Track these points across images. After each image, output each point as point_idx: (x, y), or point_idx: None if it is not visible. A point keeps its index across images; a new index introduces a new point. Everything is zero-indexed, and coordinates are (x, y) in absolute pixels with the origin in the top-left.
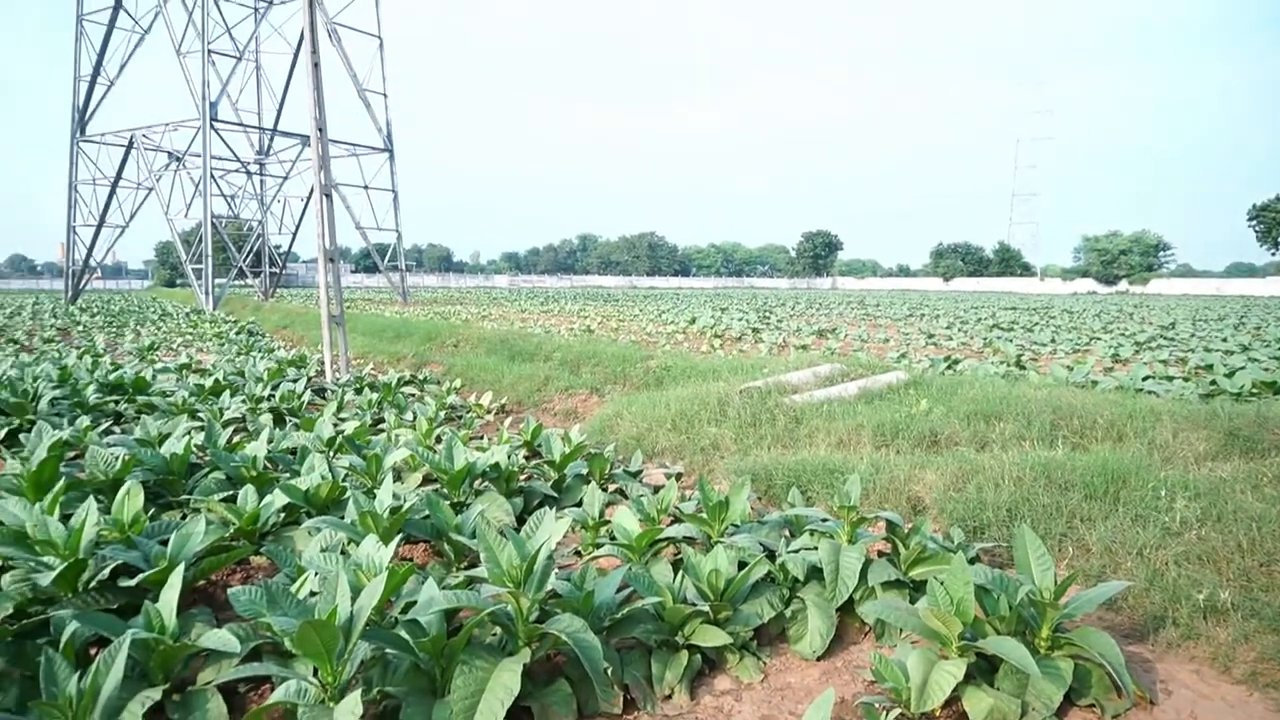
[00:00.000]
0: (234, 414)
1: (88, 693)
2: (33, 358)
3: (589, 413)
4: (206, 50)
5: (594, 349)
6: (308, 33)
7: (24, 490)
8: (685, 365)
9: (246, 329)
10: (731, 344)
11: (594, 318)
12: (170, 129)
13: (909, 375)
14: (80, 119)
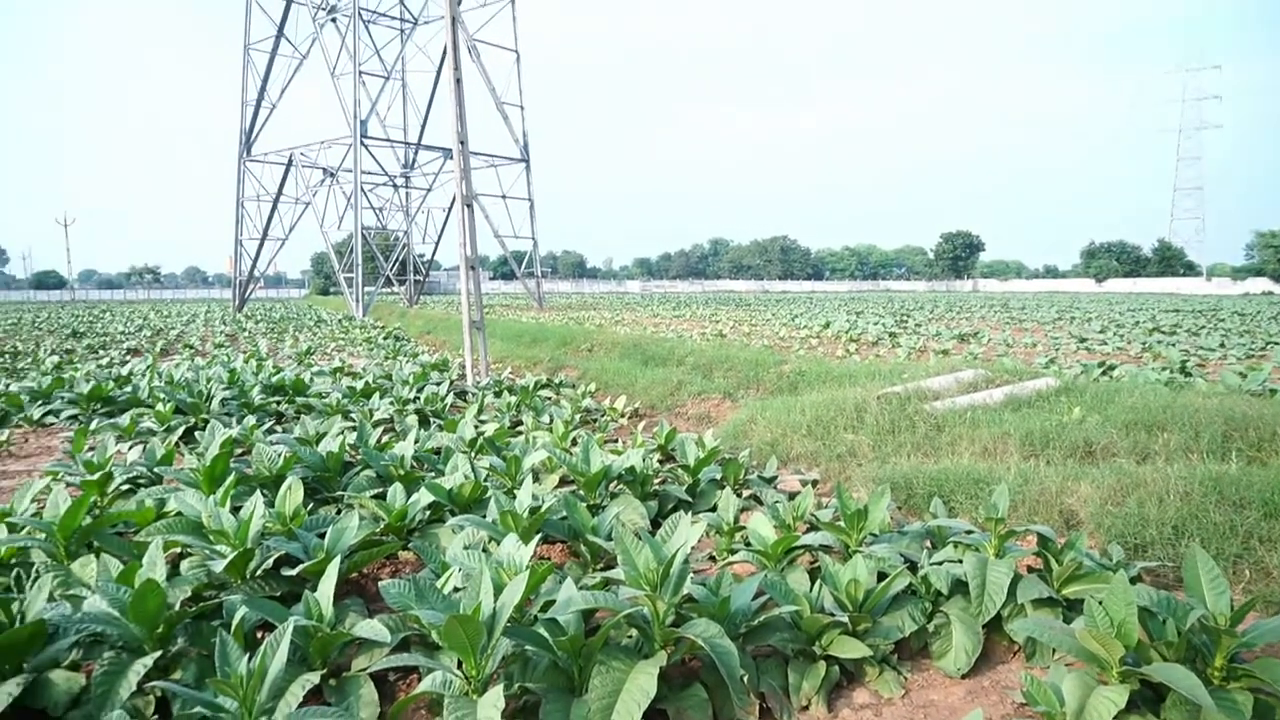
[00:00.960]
0: (383, 415)
1: (256, 673)
2: (206, 361)
3: (722, 417)
4: (357, 71)
5: (726, 353)
6: (450, 50)
7: (200, 483)
8: (820, 370)
9: (393, 334)
10: (867, 349)
11: (726, 322)
12: (325, 147)
13: (1059, 381)
14: (246, 140)
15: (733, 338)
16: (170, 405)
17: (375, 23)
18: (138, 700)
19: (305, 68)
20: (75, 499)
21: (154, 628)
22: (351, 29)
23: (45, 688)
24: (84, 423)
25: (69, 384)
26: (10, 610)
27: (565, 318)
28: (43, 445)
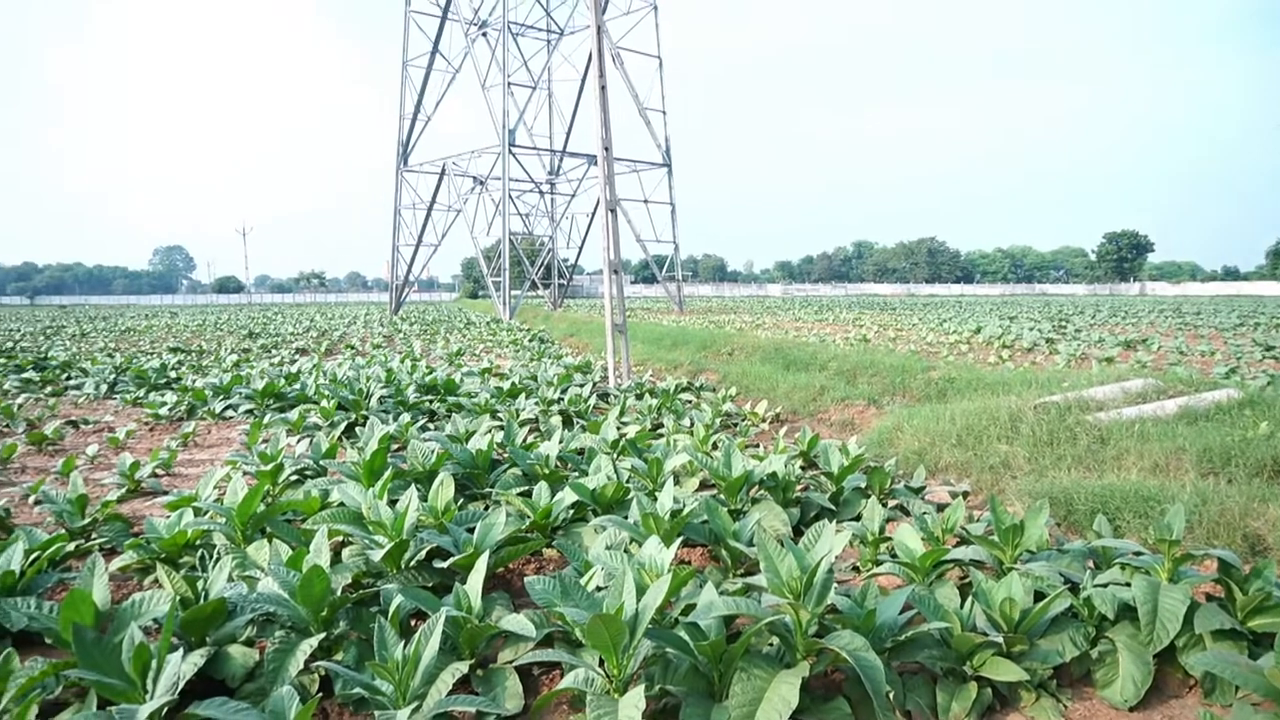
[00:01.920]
0: (528, 415)
1: (411, 660)
2: (365, 361)
3: (866, 424)
4: (506, 83)
5: (871, 359)
6: (595, 58)
7: (360, 476)
8: (971, 377)
9: (538, 337)
10: (1022, 355)
11: (870, 326)
12: (475, 156)
13: (1242, 393)
14: (403, 152)
15: (877, 342)
16: (334, 402)
17: (523, 35)
18: (304, 677)
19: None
20: (251, 487)
21: (319, 611)
22: (501, 42)
23: (224, 660)
24: (258, 417)
25: (246, 381)
26: (196, 587)
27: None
28: (223, 436)
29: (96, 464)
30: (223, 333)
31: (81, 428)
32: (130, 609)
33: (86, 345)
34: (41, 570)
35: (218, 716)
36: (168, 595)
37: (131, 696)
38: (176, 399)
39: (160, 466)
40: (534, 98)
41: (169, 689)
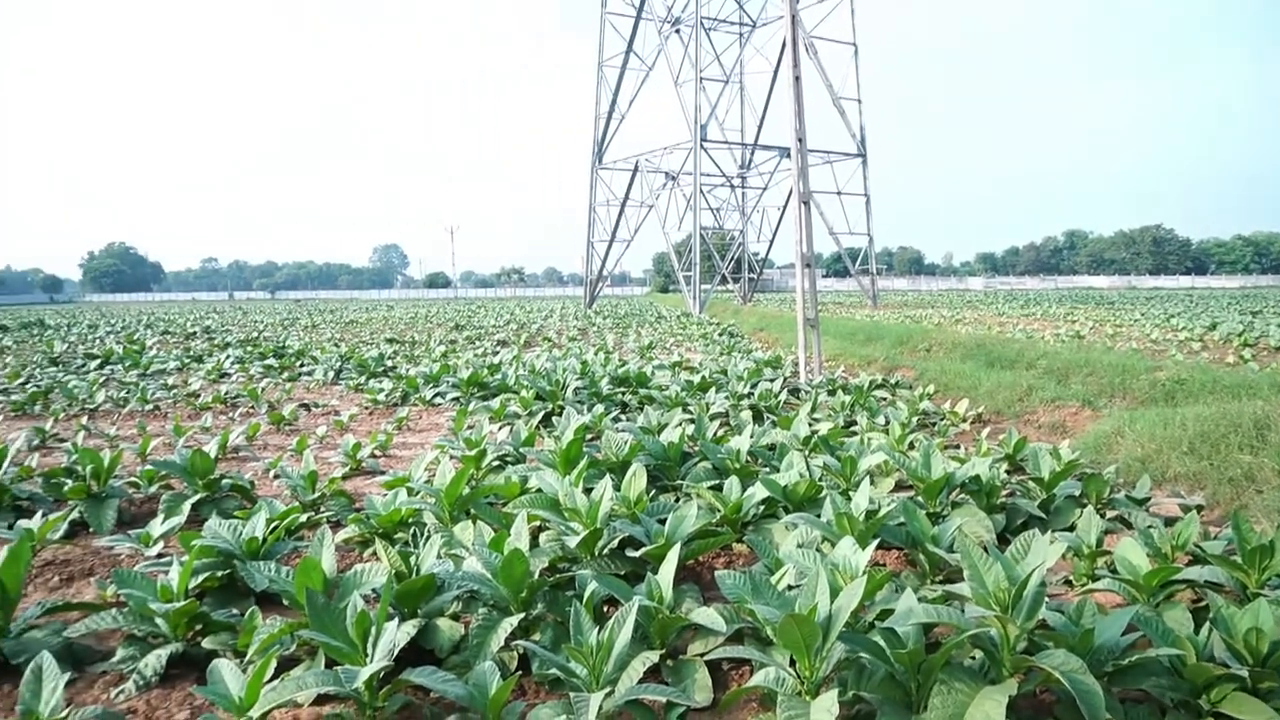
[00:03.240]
0: (718, 409)
1: (605, 645)
2: (561, 353)
3: (1080, 428)
4: (699, 78)
5: (1085, 357)
6: (789, 47)
7: (557, 464)
8: (1205, 379)
9: (728, 331)
10: (1269, 355)
11: (1083, 322)
12: (667, 152)
13: None
14: (598, 150)
15: (1092, 339)
16: (532, 392)
17: (715, 29)
18: (504, 654)
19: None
20: (457, 471)
21: (518, 592)
22: (694, 38)
23: (433, 632)
24: (463, 404)
25: (453, 370)
26: (409, 562)
27: (901, 316)
28: (432, 422)
29: (324, 443)
30: (432, 325)
31: (312, 410)
32: (353, 578)
33: (316, 335)
34: (279, 538)
35: (428, 684)
36: (385, 568)
37: (354, 658)
38: (392, 386)
39: (378, 448)
40: (725, 92)
41: (386, 654)
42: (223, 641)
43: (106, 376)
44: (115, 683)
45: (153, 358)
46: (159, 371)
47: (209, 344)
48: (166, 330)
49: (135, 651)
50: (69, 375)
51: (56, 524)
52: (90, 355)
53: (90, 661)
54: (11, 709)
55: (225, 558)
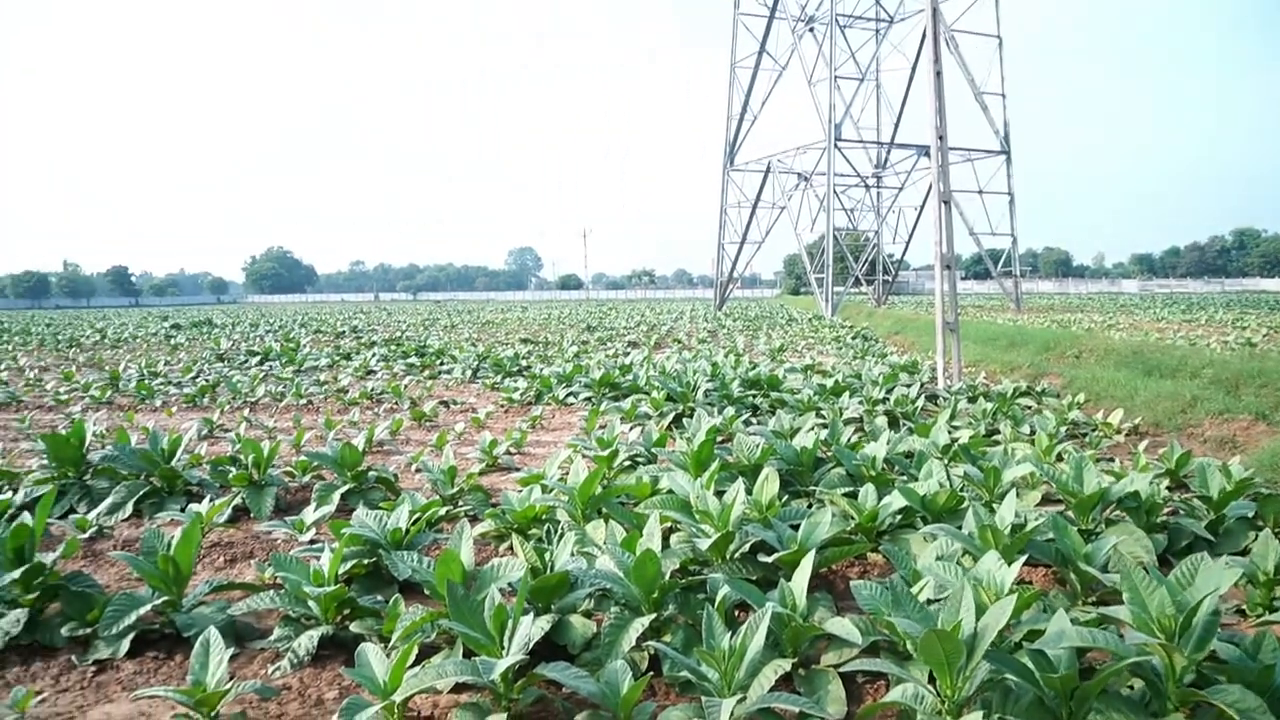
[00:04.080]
0: (852, 414)
1: (737, 651)
2: (691, 355)
3: (1253, 443)
4: (833, 76)
5: (1259, 366)
6: (929, 41)
7: (688, 466)
8: None
9: (861, 334)
10: None
11: (1256, 328)
12: (799, 152)
13: None
14: (730, 151)
15: (1266, 348)
16: (663, 393)
17: (851, 26)
18: (635, 654)
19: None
20: (590, 470)
21: (650, 592)
22: (828, 36)
23: (566, 628)
24: (595, 404)
25: (585, 371)
26: (544, 559)
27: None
28: (565, 421)
29: (462, 439)
30: (564, 326)
31: (451, 407)
32: (490, 572)
33: (455, 335)
34: (421, 530)
35: (561, 679)
36: (520, 563)
37: (490, 650)
38: (526, 385)
39: (513, 445)
40: (861, 90)
41: (521, 648)
42: (368, 626)
43: (266, 372)
44: (272, 659)
45: (306, 355)
46: (312, 368)
47: (356, 342)
48: (318, 329)
49: (290, 631)
50: (233, 370)
51: (221, 509)
52: (251, 352)
53: (250, 638)
54: (182, 677)
55: (371, 546)
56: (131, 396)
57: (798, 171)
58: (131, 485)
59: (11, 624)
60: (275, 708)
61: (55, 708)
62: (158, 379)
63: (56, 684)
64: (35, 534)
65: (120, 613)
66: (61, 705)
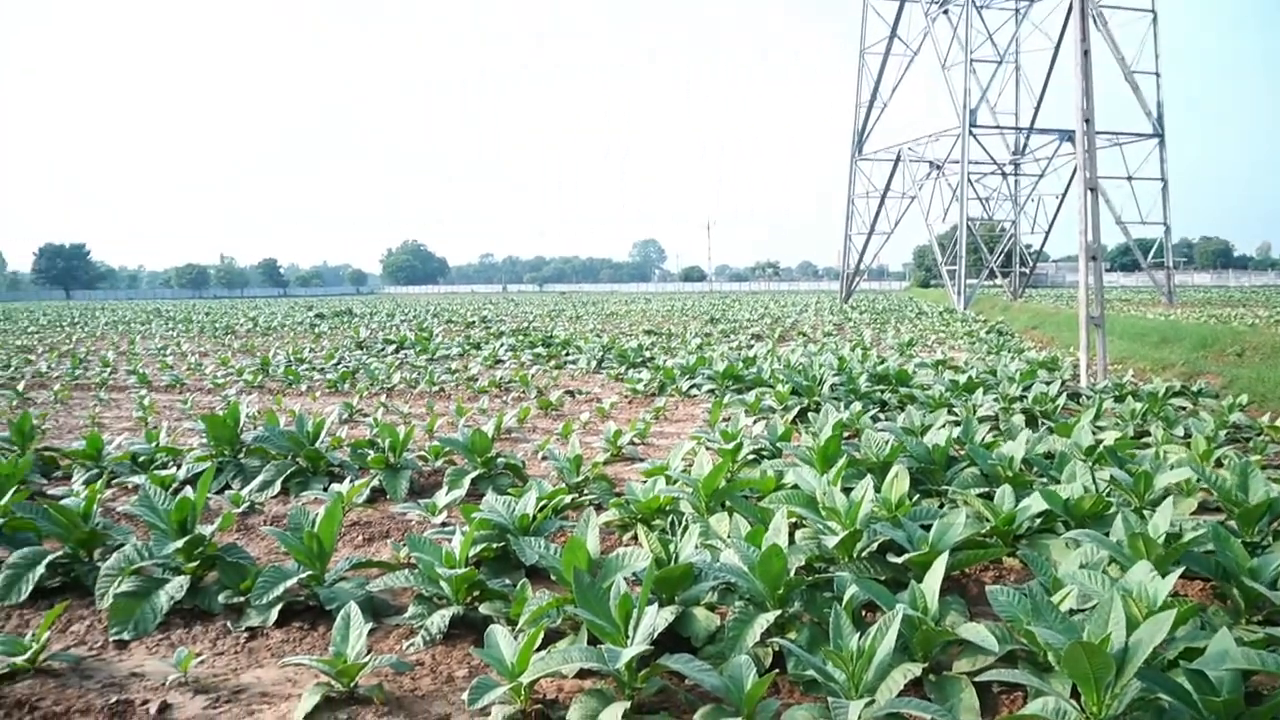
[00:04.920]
0: (986, 412)
1: (866, 652)
2: (817, 348)
3: None
4: (968, 60)
5: None
6: (1075, 20)
7: (814, 461)
8: None
9: (996, 329)
10: None
11: None
12: (932, 140)
13: None
14: (858, 140)
15: None
16: (788, 387)
17: (988, 7)
18: (759, 650)
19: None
20: (714, 464)
21: (775, 588)
22: (964, 17)
23: (690, 620)
24: (718, 396)
25: (708, 363)
26: (668, 550)
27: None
28: (688, 413)
29: (587, 429)
30: (687, 318)
31: (576, 397)
32: (615, 561)
33: (580, 326)
34: (548, 517)
35: (684, 671)
36: (645, 554)
37: (615, 638)
38: (650, 376)
39: (637, 436)
40: (998, 73)
41: (645, 638)
42: (497, 609)
43: (401, 360)
44: (406, 636)
45: (438, 344)
46: (444, 357)
47: (486, 332)
48: (450, 319)
49: (423, 610)
50: (371, 358)
51: (360, 490)
52: (388, 341)
53: (386, 614)
54: (324, 648)
55: (499, 531)
56: (280, 381)
57: (929, 160)
58: (280, 465)
59: (176, 589)
60: (409, 682)
61: (213, 669)
62: (303, 365)
63: (214, 647)
64: (196, 508)
65: (270, 584)
66: (218, 667)
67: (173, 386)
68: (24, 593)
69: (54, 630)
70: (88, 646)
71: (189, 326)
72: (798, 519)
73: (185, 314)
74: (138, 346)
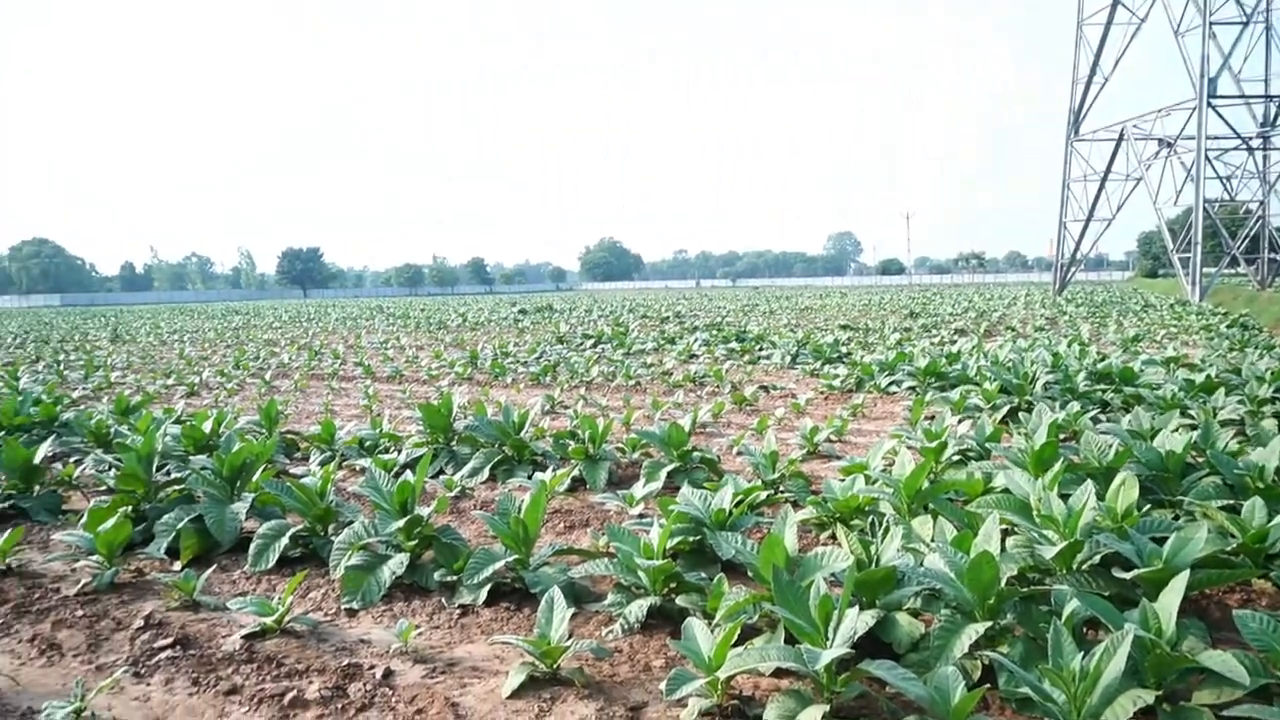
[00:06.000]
0: (1229, 415)
1: (1090, 674)
2: (1027, 344)
3: None
4: (1207, 24)
5: None
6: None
7: (1027, 464)
8: None
9: (1238, 323)
10: None
11: None
12: (1161, 115)
13: None
14: (1075, 120)
15: None
16: (996, 385)
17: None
18: (967, 662)
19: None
20: (917, 464)
21: (985, 598)
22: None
23: (891, 626)
24: (920, 394)
25: (909, 359)
26: (869, 551)
27: None
28: (887, 410)
29: (782, 425)
30: (885, 312)
31: (770, 392)
32: (814, 560)
33: (773, 321)
34: (743, 512)
35: (887, 678)
36: (845, 554)
37: (814, 639)
38: (847, 372)
39: (834, 433)
40: (1244, 35)
41: (846, 640)
42: (693, 601)
43: (599, 354)
44: (604, 623)
45: (634, 339)
46: (639, 351)
47: (680, 327)
48: (645, 315)
49: (621, 599)
50: (571, 352)
51: (562, 479)
52: (586, 335)
53: (586, 600)
54: (529, 629)
55: (695, 524)
56: (487, 373)
57: (1158, 137)
58: (488, 453)
59: (397, 565)
60: (607, 668)
61: (429, 641)
62: (508, 358)
63: (430, 621)
64: (415, 491)
65: (480, 565)
66: (434, 640)
67: (393, 377)
68: (270, 560)
69: (295, 596)
70: (323, 613)
71: (406, 322)
72: (1009, 526)
73: (403, 310)
74: (363, 340)
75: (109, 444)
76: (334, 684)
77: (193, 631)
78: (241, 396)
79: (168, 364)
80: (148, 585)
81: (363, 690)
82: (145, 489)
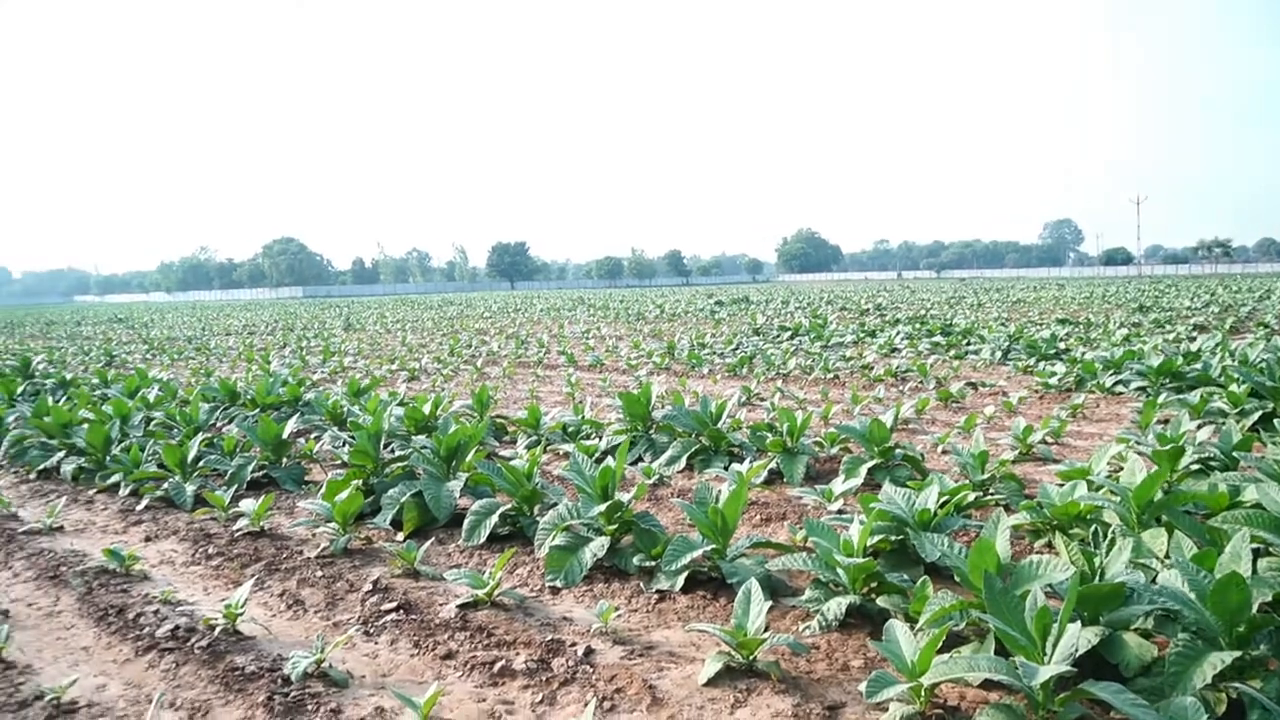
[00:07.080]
0: None
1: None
2: None
3: None
4: None
5: None
6: None
7: None
8: None
9: None
10: None
11: None
12: None
13: None
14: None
15: None
16: (1244, 387)
17: None
18: (1209, 693)
19: None
20: (1149, 471)
21: (1233, 624)
22: None
23: (1118, 646)
24: (1151, 395)
25: (1138, 356)
26: (1092, 563)
27: None
28: (1111, 412)
29: (991, 424)
30: (1110, 306)
31: (978, 389)
32: (1029, 569)
33: (982, 314)
34: (949, 514)
35: (1113, 703)
36: (1064, 564)
37: (1030, 653)
38: (1065, 370)
39: (1050, 434)
40: None
41: (1065, 657)
42: (894, 603)
43: (795, 347)
44: (801, 618)
45: (832, 331)
46: (838, 344)
47: (880, 320)
48: (843, 307)
49: (819, 595)
50: (767, 344)
51: (758, 471)
52: (783, 328)
53: (782, 594)
54: (725, 618)
55: (897, 524)
56: (683, 364)
57: None
58: (685, 442)
59: (598, 548)
60: (804, 664)
61: (628, 623)
62: (704, 349)
63: (628, 604)
64: (616, 476)
65: (678, 553)
66: (632, 622)
67: (594, 366)
68: (482, 536)
69: (504, 571)
70: (529, 589)
71: (606, 312)
72: (1261, 545)
73: (604, 301)
74: (565, 330)
75: (343, 423)
76: (539, 657)
77: (414, 598)
78: (456, 382)
79: (391, 350)
80: (375, 552)
81: (565, 665)
82: (374, 464)
